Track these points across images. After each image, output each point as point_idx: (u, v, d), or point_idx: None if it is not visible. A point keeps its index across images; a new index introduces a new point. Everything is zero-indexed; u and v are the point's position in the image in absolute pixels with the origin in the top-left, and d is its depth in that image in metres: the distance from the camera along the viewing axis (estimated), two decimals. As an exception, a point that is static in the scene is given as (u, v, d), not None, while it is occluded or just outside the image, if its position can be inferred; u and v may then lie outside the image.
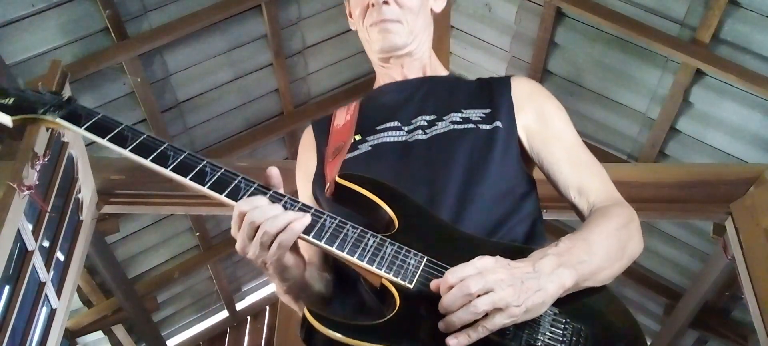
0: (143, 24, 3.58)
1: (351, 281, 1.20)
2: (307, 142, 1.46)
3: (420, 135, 1.30)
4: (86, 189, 3.04)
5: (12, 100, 1.20)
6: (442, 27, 4.09)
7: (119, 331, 5.02)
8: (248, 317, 6.33)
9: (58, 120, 1.18)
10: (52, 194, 2.72)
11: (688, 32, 3.34)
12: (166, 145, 1.14)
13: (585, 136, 2.42)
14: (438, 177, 1.23)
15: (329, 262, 1.28)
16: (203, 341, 6.07)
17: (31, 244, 2.64)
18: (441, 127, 1.31)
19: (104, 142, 1.15)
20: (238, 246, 1.07)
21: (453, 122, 1.31)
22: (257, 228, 1.03)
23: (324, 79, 4.62)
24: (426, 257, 1.08)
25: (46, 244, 2.80)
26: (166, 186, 3.12)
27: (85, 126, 1.17)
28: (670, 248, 4.23)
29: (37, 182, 2.58)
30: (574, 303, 1.06)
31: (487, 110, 1.33)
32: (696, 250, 4.11)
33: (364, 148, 1.32)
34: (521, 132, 1.32)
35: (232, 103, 4.30)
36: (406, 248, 1.09)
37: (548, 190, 1.34)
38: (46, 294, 2.78)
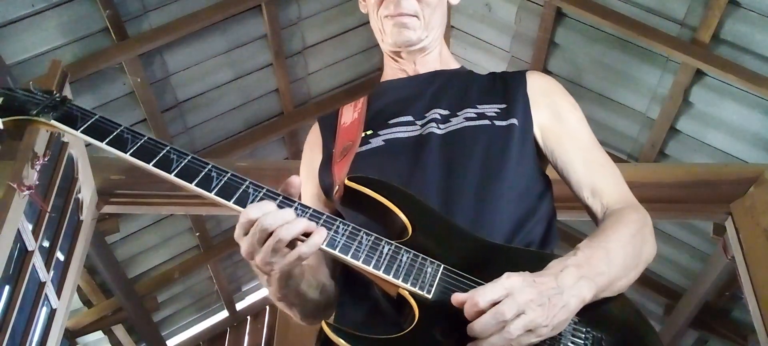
0: (143, 24, 3.58)
1: (361, 284, 1.14)
2: (313, 139, 1.43)
3: (434, 129, 1.26)
4: (86, 189, 3.04)
5: (1, 100, 1.15)
6: (442, 27, 4.09)
7: (119, 331, 5.02)
8: (248, 317, 6.33)
9: (52, 122, 1.13)
10: (52, 194, 2.72)
11: (688, 32, 3.34)
12: (168, 148, 1.10)
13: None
14: (454, 175, 1.19)
15: (324, 268, 1.25)
16: (203, 341, 6.07)
17: (31, 244, 2.64)
18: (455, 122, 1.27)
19: (102, 145, 1.10)
20: (244, 250, 1.02)
21: (467, 118, 1.28)
22: (269, 233, 0.99)
23: (324, 79, 4.62)
24: (443, 265, 1.05)
25: (46, 244, 2.80)
26: (166, 186, 3.11)
27: (81, 129, 1.12)
28: (670, 248, 4.23)
29: (37, 182, 2.58)
30: (592, 311, 1.04)
31: (502, 106, 1.30)
32: (696, 250, 4.10)
33: (377, 142, 1.28)
34: (536, 130, 1.29)
35: (232, 103, 4.30)
36: (422, 255, 1.05)
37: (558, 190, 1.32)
38: (46, 294, 2.78)
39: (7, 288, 2.58)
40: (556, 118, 1.31)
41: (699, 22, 3.25)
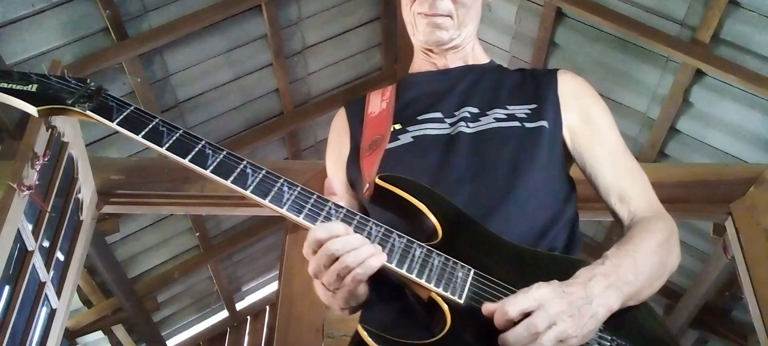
0: (143, 24, 3.58)
1: (390, 284, 1.14)
2: (340, 126, 1.41)
3: (464, 128, 1.25)
4: (86, 189, 3.03)
5: (35, 87, 1.11)
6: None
7: (119, 331, 5.03)
8: (248, 317, 6.33)
9: (89, 113, 1.09)
10: (52, 194, 2.72)
11: (688, 32, 3.34)
12: (203, 143, 1.08)
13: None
14: (482, 177, 1.19)
15: None
16: (203, 341, 6.08)
17: (31, 244, 2.64)
18: (485, 122, 1.26)
19: (138, 138, 1.07)
20: (311, 269, 1.03)
21: (497, 119, 1.27)
22: (335, 259, 1.00)
23: (324, 79, 4.62)
24: (473, 270, 1.06)
25: (46, 244, 2.80)
26: (166, 186, 3.12)
27: (116, 120, 1.09)
28: (671, 248, 4.22)
29: (37, 182, 2.58)
30: (616, 319, 1.05)
31: (533, 106, 1.29)
32: (696, 250, 4.10)
33: (405, 139, 1.27)
34: (565, 132, 1.29)
35: (232, 103, 4.30)
36: (453, 259, 1.06)
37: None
38: (46, 294, 2.77)
39: (7, 288, 2.58)
40: (585, 120, 1.30)
41: (699, 22, 3.25)
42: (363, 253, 1.00)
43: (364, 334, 0.99)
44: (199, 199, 3.13)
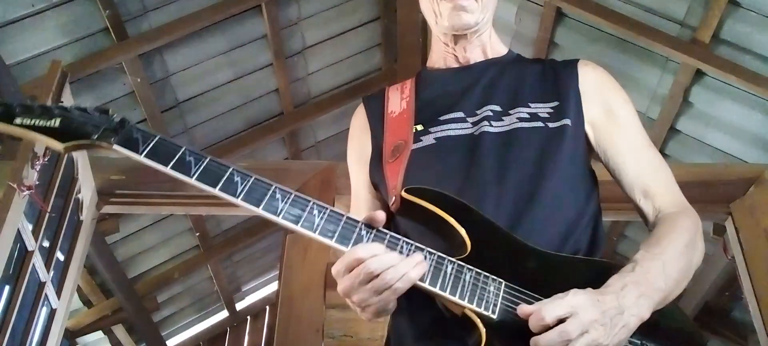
0: (143, 24, 3.58)
1: (418, 298, 1.12)
2: (360, 124, 1.40)
3: (487, 128, 1.25)
4: (86, 189, 3.03)
5: (58, 121, 1.09)
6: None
7: (119, 331, 5.03)
8: (248, 317, 6.33)
9: (116, 147, 1.08)
10: (52, 194, 2.72)
11: (688, 32, 3.34)
12: (231, 169, 1.08)
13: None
14: (508, 180, 1.18)
15: None
16: (203, 341, 6.08)
17: (31, 244, 2.64)
18: (508, 122, 1.26)
19: (167, 170, 1.06)
20: (343, 289, 1.04)
21: (521, 118, 1.26)
22: (373, 277, 1.01)
23: (324, 79, 4.61)
24: (504, 283, 1.06)
25: (46, 244, 2.80)
26: (166, 186, 3.12)
27: (144, 153, 1.07)
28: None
29: (37, 182, 2.58)
30: (645, 322, 1.05)
31: (555, 104, 1.28)
32: (696, 250, 4.10)
33: (428, 140, 1.26)
34: (588, 127, 1.28)
35: (232, 103, 4.30)
36: (484, 273, 1.06)
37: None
38: (46, 294, 2.77)
39: (7, 288, 2.58)
40: (608, 115, 1.30)
41: (699, 22, 3.25)
42: (401, 268, 1.01)
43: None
44: (199, 199, 3.13)
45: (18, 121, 1.08)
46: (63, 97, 2.80)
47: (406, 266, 1.02)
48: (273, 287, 6.14)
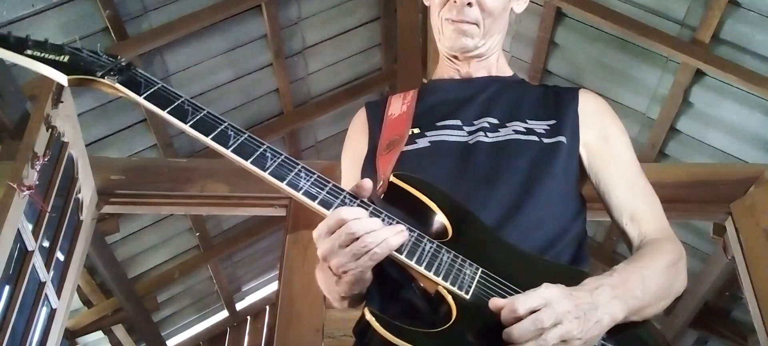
0: (143, 24, 3.58)
1: (395, 278, 1.15)
2: (359, 124, 1.43)
3: (482, 138, 1.27)
4: (86, 189, 3.03)
5: (67, 57, 1.15)
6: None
7: (119, 331, 5.03)
8: (248, 317, 6.33)
9: (118, 86, 1.13)
10: (52, 194, 2.72)
11: (688, 32, 3.35)
12: (226, 124, 1.12)
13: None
14: (495, 186, 1.20)
15: None
16: (203, 341, 6.08)
17: (31, 244, 2.64)
18: (503, 134, 1.28)
19: (164, 114, 1.11)
20: (322, 250, 1.04)
21: (516, 131, 1.28)
22: (355, 238, 1.02)
23: (324, 79, 4.62)
24: (481, 269, 1.07)
25: (46, 244, 2.80)
26: (166, 186, 3.12)
27: (144, 95, 1.12)
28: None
29: (37, 182, 2.58)
30: (618, 333, 1.06)
31: (552, 122, 1.31)
32: (696, 250, 4.10)
33: (423, 143, 1.29)
34: (582, 149, 1.30)
35: (232, 103, 4.30)
36: (461, 256, 1.08)
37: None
38: (46, 294, 2.77)
39: (7, 288, 2.58)
40: (603, 140, 1.32)
41: (699, 22, 3.25)
42: (382, 233, 1.03)
43: (371, 318, 0.99)
44: (199, 199, 3.13)
45: (28, 52, 1.15)
46: (63, 98, 2.80)
47: (387, 232, 1.03)
48: (273, 287, 6.14)
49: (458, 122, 1.31)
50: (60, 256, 2.92)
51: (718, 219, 3.23)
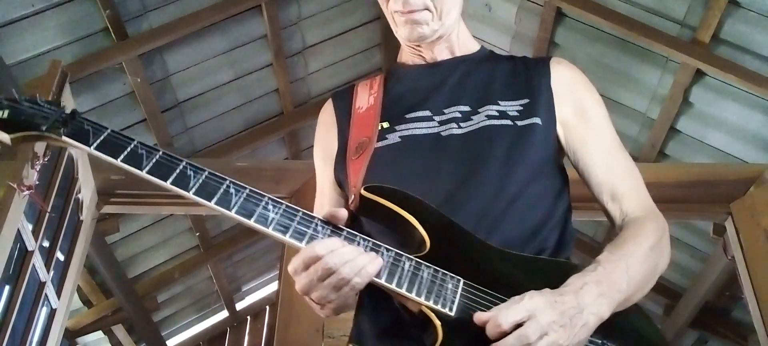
0: (143, 24, 3.58)
1: (379, 296, 1.11)
2: (327, 119, 1.37)
3: (454, 129, 1.22)
4: (86, 189, 3.04)
5: (6, 113, 1.07)
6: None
7: (119, 331, 5.03)
8: (248, 317, 6.33)
9: (65, 139, 1.06)
10: (52, 194, 2.72)
11: (688, 32, 3.34)
12: (183, 163, 1.07)
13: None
14: (472, 178, 1.16)
15: None
16: (203, 341, 6.07)
17: (31, 244, 2.64)
18: (476, 121, 1.23)
19: (117, 162, 1.05)
20: (301, 287, 1.02)
21: (489, 116, 1.23)
22: (331, 273, 0.99)
23: (324, 79, 4.62)
24: (462, 280, 1.05)
25: (46, 244, 2.80)
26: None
27: (93, 145, 1.06)
28: (671, 248, 4.22)
29: (37, 182, 2.58)
30: (607, 321, 1.05)
31: (525, 101, 1.25)
32: (696, 250, 4.10)
33: (393, 139, 1.24)
34: (559, 127, 1.25)
35: (232, 103, 4.30)
36: (442, 271, 1.05)
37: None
38: (46, 294, 2.78)
39: (7, 288, 2.58)
40: (580, 115, 1.27)
41: (699, 22, 3.25)
42: (359, 262, 1.00)
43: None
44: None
45: None
46: (63, 98, 2.81)
47: (363, 260, 1.01)
48: (273, 287, 6.14)
49: (428, 113, 1.26)
50: (60, 256, 2.93)
51: (717, 219, 3.23)
